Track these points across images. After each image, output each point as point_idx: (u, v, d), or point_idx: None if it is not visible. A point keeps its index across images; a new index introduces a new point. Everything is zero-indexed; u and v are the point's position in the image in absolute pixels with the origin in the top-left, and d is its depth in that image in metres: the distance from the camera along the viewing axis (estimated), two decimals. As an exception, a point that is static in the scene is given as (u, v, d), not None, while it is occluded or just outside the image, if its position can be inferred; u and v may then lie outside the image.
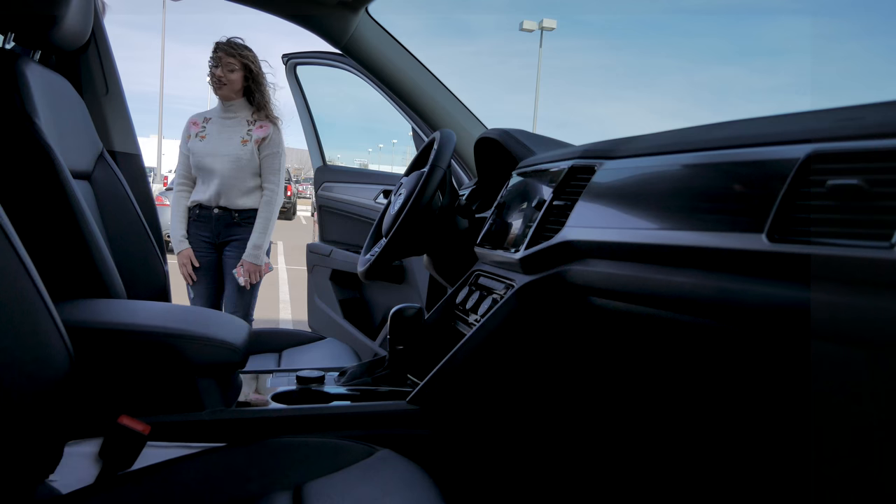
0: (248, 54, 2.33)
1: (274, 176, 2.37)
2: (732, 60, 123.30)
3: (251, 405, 1.09)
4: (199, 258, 2.38)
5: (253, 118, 2.36)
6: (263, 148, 2.34)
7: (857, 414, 0.58)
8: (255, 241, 2.32)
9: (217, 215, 2.36)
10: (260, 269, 2.35)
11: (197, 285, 2.41)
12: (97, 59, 1.63)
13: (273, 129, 2.36)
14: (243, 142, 2.33)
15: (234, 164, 2.31)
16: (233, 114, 2.37)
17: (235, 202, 2.35)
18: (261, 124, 2.35)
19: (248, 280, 2.32)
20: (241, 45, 2.33)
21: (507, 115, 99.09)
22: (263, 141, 2.34)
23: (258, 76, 2.34)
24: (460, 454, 1.04)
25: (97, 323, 0.96)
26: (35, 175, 1.09)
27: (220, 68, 2.30)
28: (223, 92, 2.33)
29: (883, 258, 0.51)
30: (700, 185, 0.75)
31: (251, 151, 2.32)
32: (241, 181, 2.34)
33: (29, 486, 0.76)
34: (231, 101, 2.36)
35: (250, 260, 2.32)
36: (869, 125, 0.57)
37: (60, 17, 1.15)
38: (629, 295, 0.84)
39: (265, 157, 2.35)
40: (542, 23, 22.27)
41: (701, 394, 0.87)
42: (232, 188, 2.33)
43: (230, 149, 2.32)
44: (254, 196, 2.37)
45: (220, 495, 0.79)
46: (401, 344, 1.26)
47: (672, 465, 1.03)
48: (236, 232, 2.37)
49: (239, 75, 2.31)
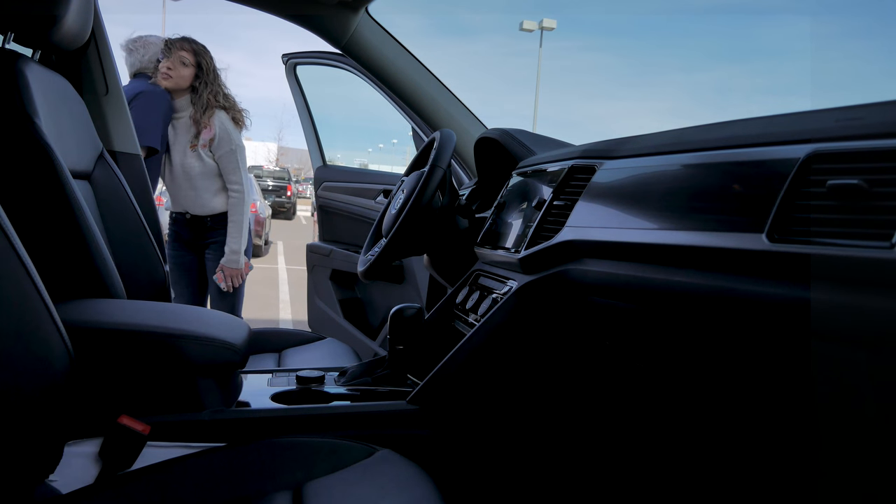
0: (205, 55, 2.25)
1: (235, 175, 2.25)
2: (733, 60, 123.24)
3: (251, 405, 1.09)
4: (176, 259, 2.34)
5: (197, 116, 2.24)
6: (216, 148, 2.23)
7: (858, 414, 0.58)
8: (231, 245, 2.25)
9: (189, 220, 2.31)
10: (240, 272, 2.29)
11: (177, 286, 2.37)
12: (97, 59, 1.63)
13: (220, 126, 2.23)
14: (191, 147, 2.23)
15: (184, 176, 2.23)
16: (180, 114, 2.26)
17: (202, 208, 2.27)
18: (205, 123, 2.23)
19: (230, 284, 2.27)
20: (200, 44, 2.27)
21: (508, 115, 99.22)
22: (212, 142, 2.23)
23: (208, 75, 2.25)
24: (460, 454, 1.04)
25: (97, 323, 0.96)
26: (35, 175, 1.09)
27: (171, 59, 2.20)
28: (168, 83, 2.21)
29: (883, 258, 0.51)
30: (700, 185, 0.75)
31: (199, 157, 2.23)
32: (198, 191, 2.26)
33: (29, 486, 0.76)
34: (177, 97, 2.25)
35: (229, 265, 2.26)
36: (869, 125, 0.57)
37: (60, 17, 1.15)
38: (629, 294, 0.84)
39: (220, 158, 2.24)
40: (542, 23, 22.26)
41: (701, 394, 0.87)
42: (191, 199, 2.26)
43: (177, 157, 2.24)
44: (218, 199, 2.28)
45: (220, 495, 0.79)
46: (401, 344, 1.26)
47: (672, 465, 1.03)
48: (212, 235, 2.30)
49: (190, 72, 2.22)
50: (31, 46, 1.30)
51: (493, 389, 1.05)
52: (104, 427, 0.89)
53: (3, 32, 1.23)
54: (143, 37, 2.35)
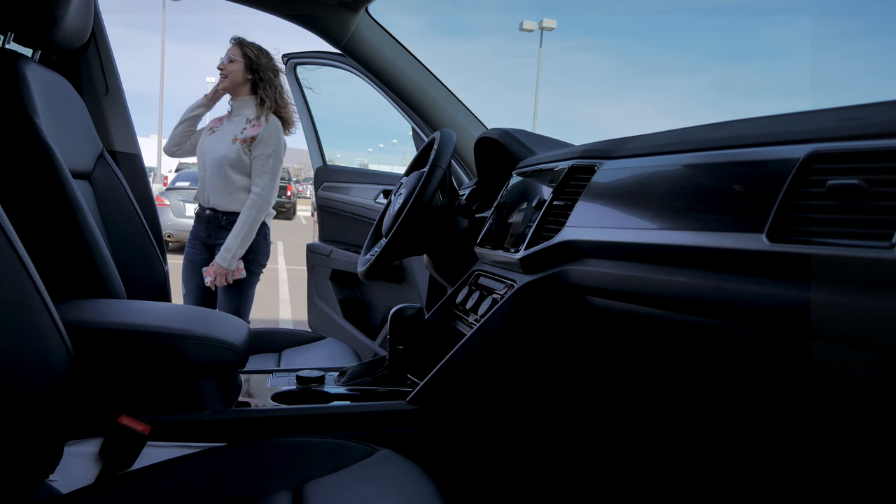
0: (252, 47, 2.25)
1: (261, 178, 2.22)
2: (733, 60, 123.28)
3: (251, 405, 1.09)
4: (191, 256, 2.33)
5: (255, 116, 2.26)
6: (254, 148, 2.22)
7: (858, 414, 0.58)
8: (228, 243, 2.18)
9: (208, 216, 2.29)
10: (228, 273, 2.19)
11: (187, 283, 2.35)
12: (97, 59, 1.63)
13: (266, 128, 2.22)
14: (234, 140, 2.23)
15: (217, 163, 2.22)
16: (237, 112, 2.29)
17: (221, 204, 2.26)
18: (254, 123, 2.24)
19: (213, 282, 2.21)
20: (247, 40, 2.27)
21: (508, 115, 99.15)
22: (253, 140, 2.21)
23: (263, 71, 2.24)
24: (460, 454, 1.04)
25: (97, 323, 0.96)
26: (35, 175, 1.09)
27: (222, 62, 2.24)
28: (224, 84, 2.25)
29: (883, 258, 0.51)
30: (700, 185, 0.75)
31: (237, 151, 2.21)
32: (225, 182, 2.23)
33: (29, 486, 0.76)
34: (236, 97, 2.27)
35: (220, 262, 2.18)
36: (869, 125, 0.57)
37: (60, 17, 1.15)
38: (629, 295, 0.84)
39: (255, 159, 2.23)
40: (542, 23, 22.27)
41: (701, 394, 0.87)
42: (217, 188, 2.24)
43: (219, 147, 2.23)
44: (240, 198, 2.25)
45: (220, 495, 0.79)
46: (401, 344, 1.26)
47: (671, 465, 1.03)
48: (223, 235, 2.26)
49: (239, 66, 2.22)
50: (31, 46, 1.31)
51: (492, 389, 1.05)
52: (104, 427, 0.89)
53: (3, 32, 1.23)
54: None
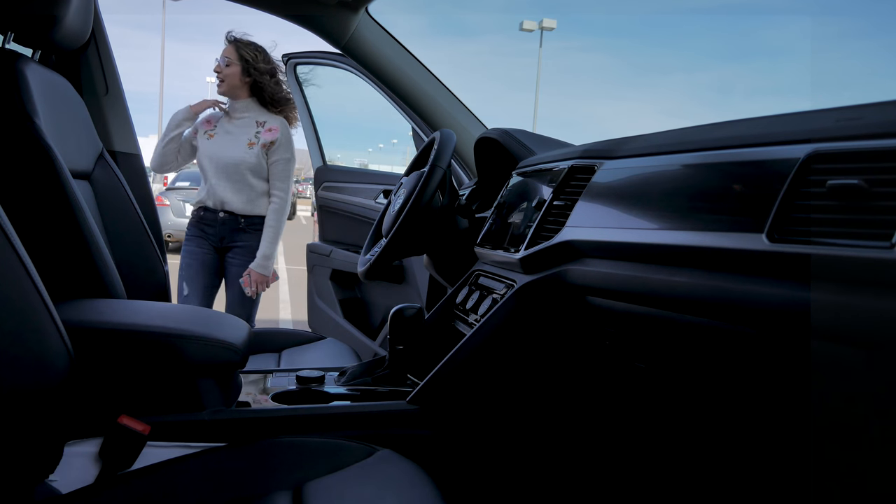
0: (248, 47, 2.23)
1: (283, 183, 2.27)
2: (733, 60, 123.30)
3: (251, 405, 1.09)
4: (198, 256, 2.31)
5: (263, 119, 2.26)
6: (272, 153, 2.24)
7: (857, 414, 0.58)
8: (265, 250, 2.23)
9: (222, 220, 2.28)
10: (267, 280, 2.26)
11: (192, 282, 2.32)
12: (97, 59, 1.63)
13: (283, 133, 2.25)
14: (250, 144, 2.22)
15: (237, 168, 2.22)
16: (240, 114, 2.27)
17: (240, 208, 2.26)
18: (270, 127, 2.24)
19: (254, 290, 2.25)
20: (242, 39, 2.25)
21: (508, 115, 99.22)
22: (272, 145, 2.23)
23: (261, 71, 2.22)
24: (460, 454, 1.04)
25: (97, 323, 0.96)
26: (35, 175, 1.09)
27: (219, 62, 2.22)
28: (222, 88, 2.23)
29: (883, 258, 0.51)
30: (700, 185, 0.75)
31: (257, 155, 2.22)
32: (245, 186, 2.24)
33: (29, 486, 0.76)
34: (237, 99, 2.26)
35: (258, 270, 2.23)
36: (869, 125, 0.57)
37: (60, 17, 1.15)
38: (629, 295, 0.84)
39: (274, 164, 2.25)
40: (542, 23, 22.29)
41: (701, 394, 0.87)
42: (236, 193, 2.24)
43: (235, 152, 2.22)
44: (260, 202, 2.28)
45: (220, 495, 0.79)
46: (401, 344, 1.26)
47: (671, 465, 1.03)
48: (242, 238, 2.28)
49: (236, 69, 2.20)
50: (31, 46, 1.30)
51: (493, 389, 1.05)
52: (104, 427, 0.89)
53: (3, 32, 1.23)
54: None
